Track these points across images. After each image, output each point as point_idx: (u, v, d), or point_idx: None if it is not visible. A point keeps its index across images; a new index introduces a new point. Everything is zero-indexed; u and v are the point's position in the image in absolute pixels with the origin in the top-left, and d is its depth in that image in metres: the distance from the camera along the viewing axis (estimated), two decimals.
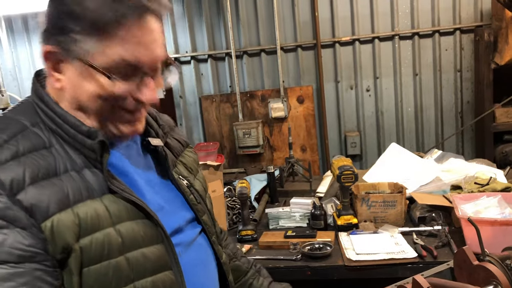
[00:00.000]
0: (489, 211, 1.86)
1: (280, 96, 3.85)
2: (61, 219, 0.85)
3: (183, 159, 1.18)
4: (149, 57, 0.91)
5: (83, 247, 0.87)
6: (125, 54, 0.88)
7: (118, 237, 0.91)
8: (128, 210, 0.94)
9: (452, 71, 3.77)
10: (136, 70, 0.91)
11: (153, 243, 0.96)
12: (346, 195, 2.24)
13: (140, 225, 0.95)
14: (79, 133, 0.93)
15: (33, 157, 0.88)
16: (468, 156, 3.72)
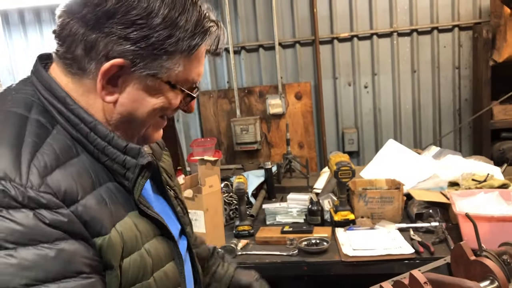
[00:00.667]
0: (486, 207, 1.86)
1: (278, 92, 3.84)
2: (111, 239, 0.81)
3: (163, 164, 1.13)
4: (202, 71, 0.94)
5: (123, 269, 0.84)
6: (195, 72, 0.90)
7: (149, 258, 0.88)
8: (150, 227, 0.91)
9: (451, 68, 3.76)
10: (194, 85, 0.93)
11: (169, 261, 0.95)
12: (343, 191, 2.23)
13: (160, 242, 0.93)
14: (113, 147, 0.86)
15: (73, 166, 0.81)
16: (466, 153, 3.71)
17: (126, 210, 0.87)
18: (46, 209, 0.73)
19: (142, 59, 0.82)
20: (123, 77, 0.84)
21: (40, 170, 0.75)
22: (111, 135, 0.86)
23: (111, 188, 0.86)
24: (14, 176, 0.73)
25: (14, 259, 0.69)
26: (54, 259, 0.72)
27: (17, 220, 0.71)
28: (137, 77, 0.84)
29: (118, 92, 0.85)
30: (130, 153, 0.87)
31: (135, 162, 0.87)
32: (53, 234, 0.73)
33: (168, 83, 0.87)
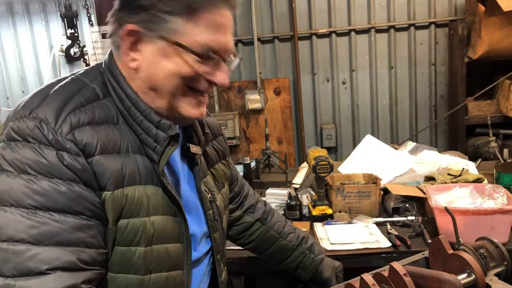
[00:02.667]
0: (461, 201, 1.89)
1: (257, 88, 3.83)
2: (113, 197, 0.90)
3: (214, 170, 1.20)
4: (225, 43, 0.96)
5: (119, 227, 0.91)
6: (208, 37, 0.92)
7: (151, 228, 0.95)
8: (165, 204, 0.98)
9: (427, 65, 3.81)
10: (214, 53, 0.94)
11: (175, 241, 1.00)
12: (322, 185, 2.24)
13: (170, 221, 0.99)
14: (149, 121, 0.96)
15: (105, 129, 0.92)
16: (441, 148, 3.78)
17: (144, 181, 0.95)
18: (67, 153, 0.86)
19: (149, 22, 0.91)
20: (140, 43, 0.94)
21: (73, 123, 0.88)
22: (148, 110, 0.96)
23: (137, 160, 0.95)
24: (51, 120, 0.86)
25: (32, 184, 0.83)
26: (63, 194, 0.84)
27: (44, 154, 0.84)
28: (150, 41, 0.93)
29: (139, 57, 0.94)
30: (162, 127, 0.96)
31: (165, 136, 0.96)
32: (67, 174, 0.85)
33: (177, 44, 0.91)
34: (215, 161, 1.21)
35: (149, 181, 0.96)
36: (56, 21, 3.96)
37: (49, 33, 4.03)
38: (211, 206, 1.13)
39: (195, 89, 0.97)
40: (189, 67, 0.93)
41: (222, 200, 1.19)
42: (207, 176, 1.15)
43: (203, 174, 1.12)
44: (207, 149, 1.17)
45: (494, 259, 1.12)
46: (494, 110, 3.45)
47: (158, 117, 0.96)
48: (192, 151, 1.08)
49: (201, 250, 1.11)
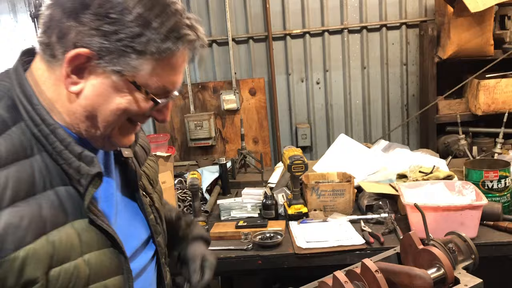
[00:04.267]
0: (432, 198, 1.94)
1: (232, 88, 3.83)
2: (36, 250, 0.79)
3: (146, 169, 1.13)
4: (179, 83, 0.92)
5: (50, 278, 0.81)
6: (166, 79, 0.88)
7: (86, 268, 0.86)
8: (98, 238, 0.89)
9: (399, 65, 3.88)
10: (167, 94, 0.91)
11: (114, 275, 0.92)
12: (297, 184, 2.26)
13: (107, 255, 0.90)
14: (70, 152, 0.86)
15: (15, 169, 0.80)
16: (413, 146, 3.85)
17: (70, 218, 0.85)
18: None
19: (109, 53, 0.82)
20: (89, 69, 0.84)
21: None
22: (68, 140, 0.86)
23: (61, 193, 0.85)
24: None
25: None
26: None
27: None
28: (103, 71, 0.84)
29: (83, 83, 0.85)
30: (85, 160, 0.87)
31: (88, 170, 0.87)
32: None
33: (133, 83, 0.85)
34: (145, 158, 1.14)
35: (77, 214, 0.86)
36: (26, 21, 3.88)
37: (19, 33, 3.94)
38: (151, 210, 1.07)
39: (133, 121, 0.93)
40: (139, 106, 0.88)
41: (158, 199, 1.14)
42: (143, 178, 1.09)
43: (139, 177, 1.06)
44: (136, 149, 1.10)
45: (463, 253, 1.15)
46: (463, 108, 3.54)
47: (80, 148, 0.87)
48: (124, 155, 1.02)
49: (145, 257, 1.05)
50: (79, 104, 0.86)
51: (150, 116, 0.93)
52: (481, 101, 3.33)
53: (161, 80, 0.87)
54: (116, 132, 0.91)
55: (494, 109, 3.33)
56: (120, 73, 0.84)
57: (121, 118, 0.89)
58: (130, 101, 0.87)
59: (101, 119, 0.87)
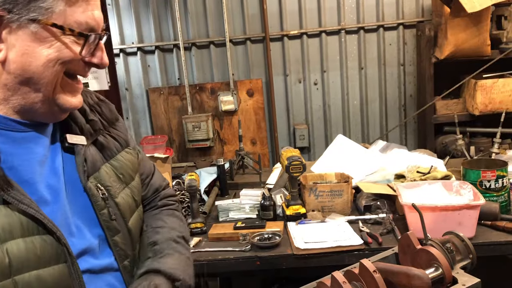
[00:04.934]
0: (430, 198, 1.94)
1: (230, 89, 3.83)
2: None
3: (116, 162, 1.03)
4: (100, 18, 0.87)
5: None
6: (86, 14, 0.84)
7: (5, 258, 0.77)
8: (23, 225, 0.81)
9: (396, 65, 3.89)
10: (93, 31, 0.86)
11: (52, 263, 0.83)
12: (295, 185, 2.26)
13: (36, 242, 0.81)
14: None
15: None
16: (411, 147, 3.86)
17: None
18: None
19: (17, 4, 0.78)
20: (5, 30, 0.80)
21: None
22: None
23: None
24: None
25: None
26: None
27: None
28: (18, 26, 0.79)
29: (4, 48, 0.81)
30: None
31: None
32: None
33: (53, 26, 0.81)
34: (116, 151, 1.05)
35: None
36: None
37: None
38: (105, 204, 0.96)
39: (72, 75, 0.88)
40: (70, 51, 0.83)
41: (130, 196, 1.03)
42: (102, 170, 0.98)
43: (93, 167, 0.96)
44: (101, 139, 1.02)
45: (460, 252, 1.16)
46: (461, 108, 3.55)
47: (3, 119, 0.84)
48: (70, 141, 0.94)
49: (103, 260, 0.94)
50: (8, 71, 0.82)
51: (87, 63, 0.88)
52: (478, 101, 3.34)
53: (80, 17, 0.83)
54: (59, 92, 0.86)
55: (491, 109, 3.34)
56: (37, 20, 0.79)
57: (57, 71, 0.84)
58: (59, 48, 0.82)
59: (37, 78, 0.82)
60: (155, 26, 3.81)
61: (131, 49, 3.85)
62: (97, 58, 0.89)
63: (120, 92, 3.89)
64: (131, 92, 3.93)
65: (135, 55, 3.87)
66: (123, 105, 3.91)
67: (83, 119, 1.00)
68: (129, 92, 3.93)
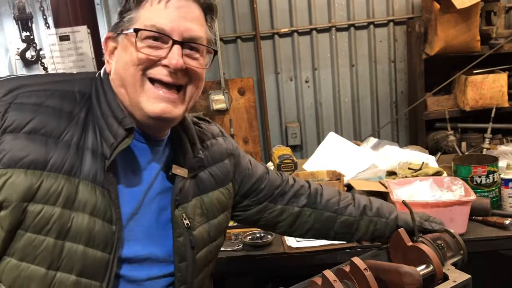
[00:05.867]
0: (421, 194, 1.94)
1: (221, 88, 3.82)
2: (20, 177, 0.87)
3: (206, 197, 1.13)
4: (177, 25, 0.97)
5: (29, 211, 0.88)
6: (158, 20, 0.96)
7: (68, 223, 0.91)
8: (98, 205, 0.93)
9: (387, 62, 3.90)
10: (164, 36, 0.97)
11: (99, 248, 0.93)
12: None
13: (99, 224, 0.93)
14: (114, 118, 0.97)
15: (50, 113, 0.93)
16: (403, 143, 3.87)
17: (81, 175, 0.93)
18: None
19: (116, 25, 1.01)
20: (113, 45, 1.02)
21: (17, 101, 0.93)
22: (117, 107, 0.99)
23: (85, 154, 0.94)
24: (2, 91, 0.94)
25: None
26: None
27: None
28: (117, 41, 1.01)
29: (113, 60, 1.02)
30: (124, 123, 0.97)
31: (123, 131, 0.96)
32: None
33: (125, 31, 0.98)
34: (209, 189, 1.14)
35: (88, 177, 0.94)
36: (11, 24, 3.83)
37: (4, 36, 3.90)
38: (184, 233, 1.05)
39: (155, 80, 0.98)
40: (140, 53, 0.96)
41: (207, 231, 1.11)
42: (191, 202, 1.08)
43: (184, 198, 1.07)
44: (201, 175, 1.12)
45: (451, 249, 1.16)
46: (452, 104, 3.56)
47: (123, 114, 0.98)
48: (173, 172, 1.05)
49: (149, 272, 1.03)
50: (112, 78, 1.02)
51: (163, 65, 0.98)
52: (469, 96, 3.35)
53: (151, 22, 0.96)
54: (141, 96, 0.97)
55: (482, 105, 3.35)
56: (121, 31, 0.99)
57: (134, 73, 0.97)
58: (132, 52, 0.97)
59: (123, 82, 0.98)
60: None
61: None
62: (168, 59, 0.97)
63: None
64: None
65: None
66: None
67: (191, 154, 1.10)
68: None
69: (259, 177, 1.30)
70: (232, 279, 2.29)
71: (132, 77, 0.97)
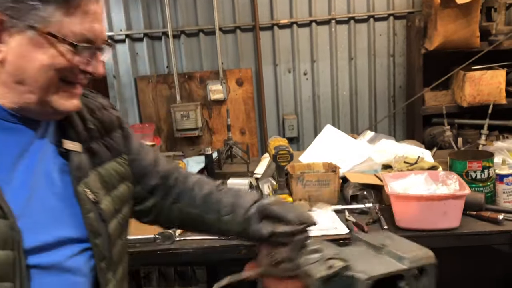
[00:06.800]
0: (416, 188, 1.94)
1: (219, 78, 3.81)
2: None
3: (103, 170, 1.07)
4: (99, 31, 0.92)
5: None
6: (83, 26, 0.89)
7: None
8: None
9: (386, 56, 3.89)
10: (90, 43, 0.91)
11: None
12: (282, 174, 2.26)
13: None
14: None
15: None
16: (399, 138, 3.87)
17: None
18: None
19: (18, 10, 0.85)
20: (4, 33, 0.86)
21: None
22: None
23: None
24: None
25: None
26: None
27: None
28: (18, 31, 0.86)
29: (5, 50, 0.87)
30: None
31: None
32: None
33: (49, 34, 0.86)
34: (105, 160, 1.08)
35: None
36: None
37: None
38: (93, 208, 1.00)
39: (68, 82, 0.92)
40: (64, 59, 0.88)
41: (111, 203, 1.07)
42: (90, 176, 1.02)
43: (84, 173, 1.00)
44: (94, 146, 1.06)
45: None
46: (449, 100, 3.56)
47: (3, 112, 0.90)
48: (65, 147, 0.99)
49: (61, 255, 0.95)
50: (6, 71, 0.88)
51: (84, 72, 0.92)
52: (467, 92, 3.35)
53: (77, 27, 0.88)
54: (54, 95, 0.91)
55: (479, 101, 3.35)
56: (34, 27, 0.86)
57: (51, 77, 0.89)
58: (54, 55, 0.88)
59: (31, 81, 0.88)
60: (143, 13, 3.76)
61: (119, 36, 3.80)
62: (92, 67, 0.93)
63: (107, 80, 3.85)
64: (119, 80, 3.89)
65: (123, 42, 3.82)
66: (110, 93, 3.87)
67: (81, 127, 1.03)
68: (116, 80, 3.88)
69: (146, 167, 1.21)
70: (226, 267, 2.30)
71: (48, 81, 0.89)
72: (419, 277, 0.89)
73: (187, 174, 1.28)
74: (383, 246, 0.95)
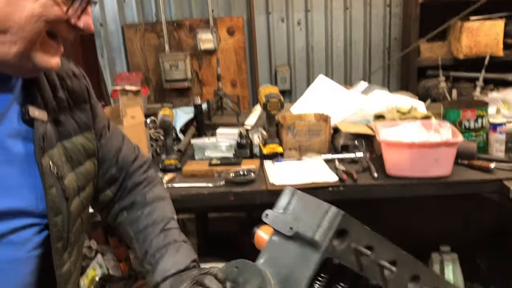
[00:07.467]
0: (408, 136, 1.91)
1: (209, 27, 3.68)
2: None
3: (68, 143, 0.99)
4: None
5: None
6: None
7: None
8: None
9: (382, 6, 3.76)
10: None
11: None
12: (272, 123, 2.21)
13: None
14: None
15: None
16: (393, 90, 3.79)
17: None
18: None
19: None
20: None
21: None
22: None
23: None
24: None
25: None
26: None
27: None
28: None
29: None
30: None
31: None
32: None
33: None
34: (72, 134, 1.01)
35: None
36: None
37: None
38: (55, 183, 0.92)
39: (54, 37, 0.85)
40: (58, 9, 0.81)
41: (75, 180, 0.99)
42: (55, 148, 0.95)
43: (49, 144, 0.93)
44: (62, 117, 0.98)
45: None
46: (445, 52, 3.48)
47: None
48: (31, 115, 0.89)
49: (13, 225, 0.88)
50: None
51: (72, 26, 0.84)
52: (464, 44, 3.26)
53: None
54: (37, 49, 0.83)
55: (476, 53, 3.27)
56: None
57: (39, 28, 0.80)
58: (46, 4, 0.80)
59: (16, 30, 0.79)
60: None
61: None
62: (82, 22, 0.85)
63: (94, 28, 3.71)
64: (106, 28, 3.75)
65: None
66: (97, 42, 3.75)
67: (50, 94, 0.95)
68: (103, 28, 3.74)
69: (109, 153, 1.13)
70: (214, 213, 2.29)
71: (36, 32, 0.81)
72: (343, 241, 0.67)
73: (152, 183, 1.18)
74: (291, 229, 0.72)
